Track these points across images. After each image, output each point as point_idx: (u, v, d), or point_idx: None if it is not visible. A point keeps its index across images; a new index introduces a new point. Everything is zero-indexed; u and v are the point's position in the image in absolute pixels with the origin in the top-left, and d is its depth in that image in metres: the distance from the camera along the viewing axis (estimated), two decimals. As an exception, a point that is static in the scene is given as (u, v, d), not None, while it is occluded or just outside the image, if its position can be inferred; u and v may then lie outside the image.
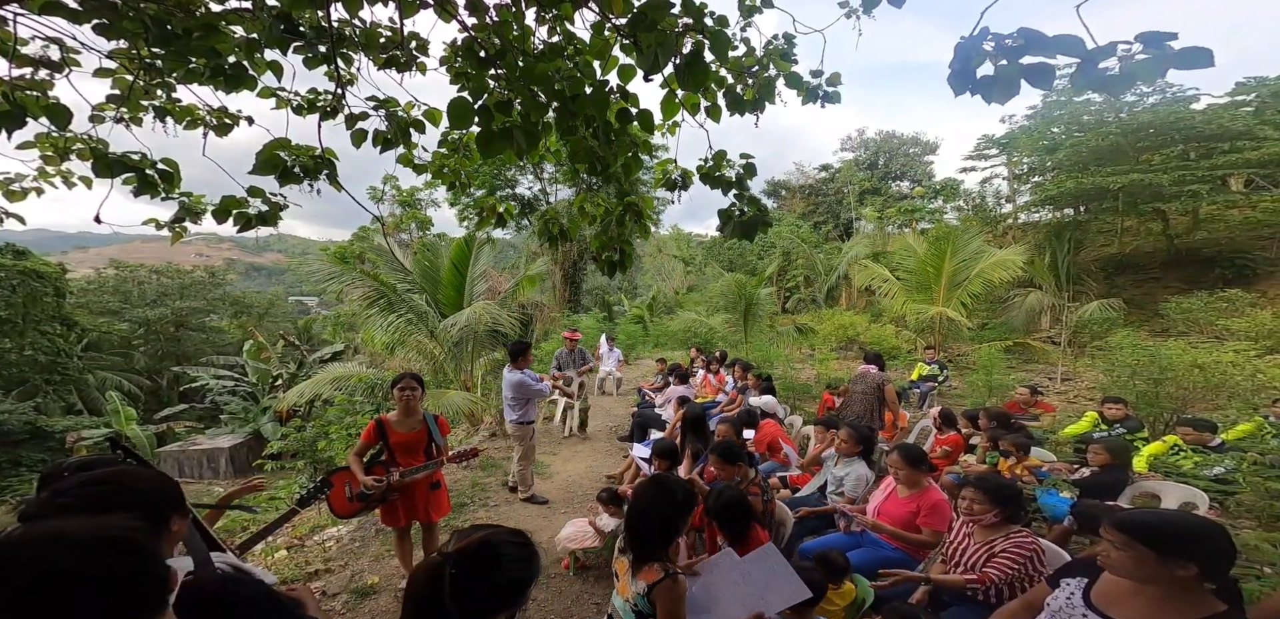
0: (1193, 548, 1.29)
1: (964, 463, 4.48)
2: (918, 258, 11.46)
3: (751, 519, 2.29)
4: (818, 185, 27.31)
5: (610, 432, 6.71)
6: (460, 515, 3.91)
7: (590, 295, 24.81)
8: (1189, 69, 1.36)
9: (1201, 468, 3.45)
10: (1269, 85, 10.96)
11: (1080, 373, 8.16)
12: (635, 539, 1.71)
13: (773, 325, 14.62)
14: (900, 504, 2.83)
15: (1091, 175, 10.84)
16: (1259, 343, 6.37)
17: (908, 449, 2.85)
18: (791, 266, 20.27)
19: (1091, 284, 11.30)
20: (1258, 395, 4.62)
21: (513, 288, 9.50)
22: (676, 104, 2.47)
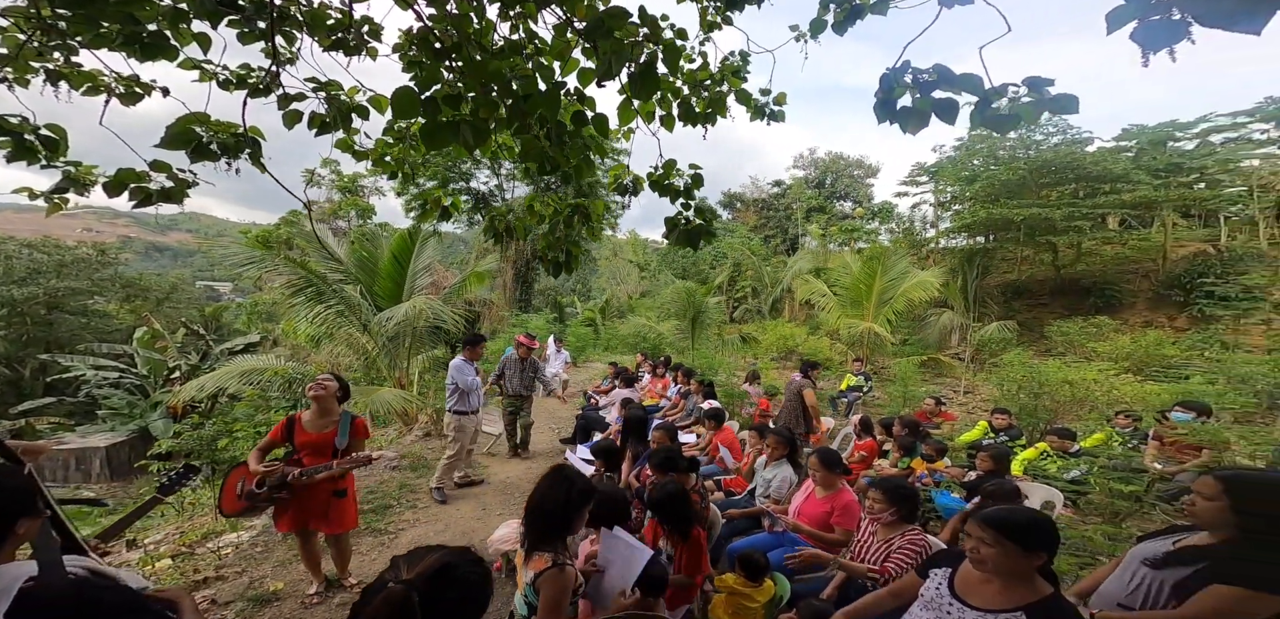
0: (1041, 539, 1.52)
1: (878, 467, 4.92)
2: (852, 275, 12.41)
3: (691, 514, 2.33)
4: (770, 200, 28.47)
5: (553, 433, 6.66)
6: (384, 518, 3.74)
7: (542, 296, 24.38)
8: (1060, 113, 1.65)
9: (1062, 471, 4.04)
10: (1147, 133, 12.63)
11: (979, 386, 9.21)
12: (529, 528, 1.70)
13: (721, 333, 15.14)
14: (817, 505, 3.08)
15: (1000, 207, 12.24)
16: (1118, 363, 7.54)
17: (824, 453, 3.09)
18: (741, 277, 21.04)
19: (993, 307, 12.78)
20: (1110, 408, 5.46)
21: (459, 283, 9.17)
22: (632, 111, 2.54)
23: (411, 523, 3.70)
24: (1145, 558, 1.67)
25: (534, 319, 16.24)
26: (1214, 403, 4.63)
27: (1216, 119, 11.94)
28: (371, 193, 21.91)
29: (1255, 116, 11.47)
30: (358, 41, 2.41)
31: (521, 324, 13.50)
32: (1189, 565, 1.54)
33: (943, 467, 4.19)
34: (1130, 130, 13.02)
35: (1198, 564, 1.52)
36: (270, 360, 6.88)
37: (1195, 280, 10.67)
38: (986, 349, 10.53)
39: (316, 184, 22.00)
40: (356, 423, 2.63)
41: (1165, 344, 8.49)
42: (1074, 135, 12.73)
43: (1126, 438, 4.58)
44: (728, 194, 31.07)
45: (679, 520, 2.28)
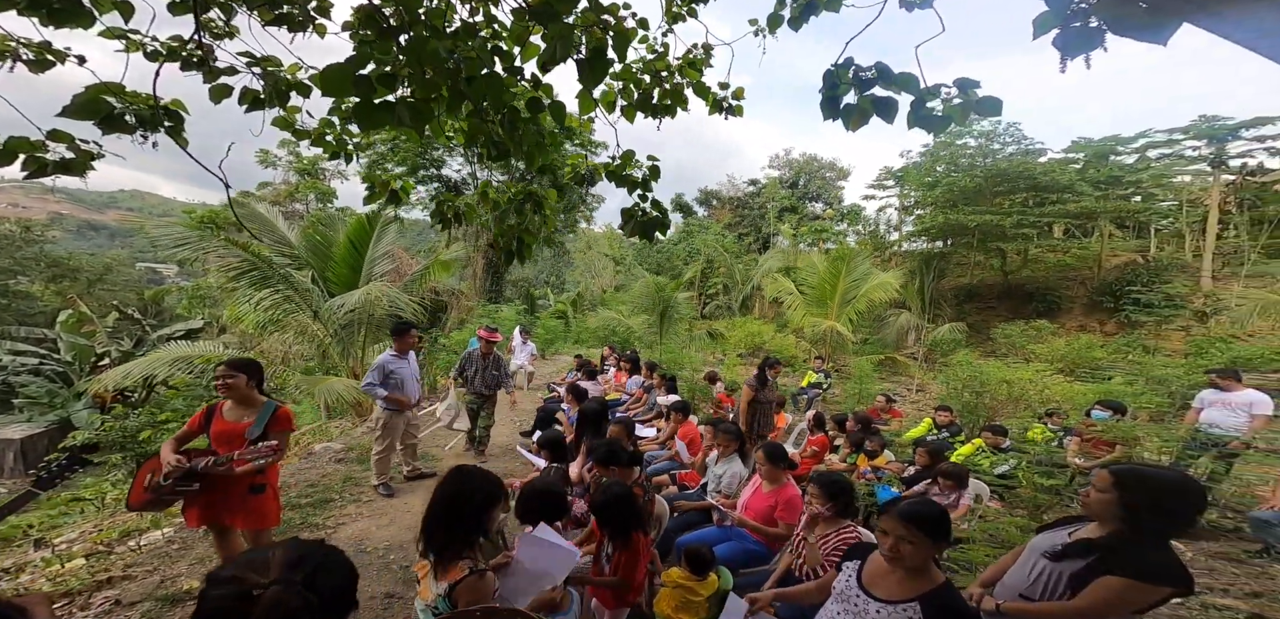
0: (944, 529, 1.61)
1: (829, 461, 5.10)
2: (818, 275, 12.76)
3: (635, 518, 2.27)
4: (745, 198, 28.82)
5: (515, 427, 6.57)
6: (324, 512, 3.60)
7: (514, 287, 24.00)
8: (986, 114, 1.73)
9: (993, 466, 4.29)
10: (1093, 147, 13.41)
11: (930, 385, 9.66)
12: (432, 536, 1.56)
13: (691, 329, 15.29)
14: (763, 499, 3.15)
15: (957, 212, 12.83)
16: (1052, 365, 8.06)
17: (770, 448, 3.16)
18: (714, 274, 21.29)
19: (947, 309, 13.42)
20: (1042, 407, 5.84)
21: (421, 271, 8.90)
22: (592, 101, 2.48)
23: (354, 517, 3.57)
24: (1043, 550, 1.74)
25: (504, 310, 15.96)
26: (1132, 403, 5.01)
27: (1154, 135, 12.86)
28: (334, 177, 20.95)
29: (1189, 133, 12.41)
30: (304, 17, 2.28)
31: (489, 315, 13.22)
32: (1083, 557, 1.61)
33: (884, 462, 4.37)
34: (1078, 143, 13.80)
35: (1091, 556, 1.59)
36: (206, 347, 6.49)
37: (1125, 288, 11.52)
38: (939, 349, 11.05)
39: (272, 165, 20.87)
40: (279, 413, 2.45)
41: (1095, 347, 9.13)
42: (1027, 146, 13.46)
43: (1053, 434, 4.91)
44: (704, 191, 31.29)
45: (621, 524, 2.24)
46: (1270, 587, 2.66)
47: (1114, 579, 1.51)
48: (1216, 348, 7.67)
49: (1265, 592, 2.59)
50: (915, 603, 1.57)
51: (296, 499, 3.69)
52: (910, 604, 1.57)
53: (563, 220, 20.08)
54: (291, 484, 3.95)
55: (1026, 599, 1.73)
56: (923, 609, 1.55)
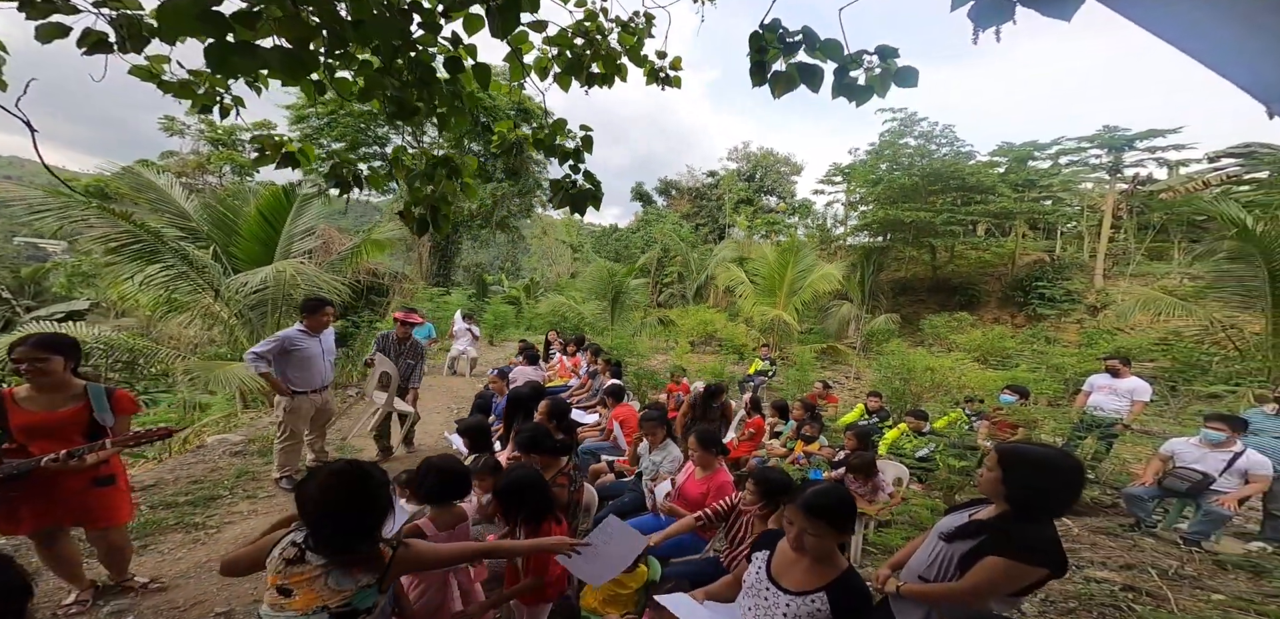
0: (848, 517, 1.59)
1: (768, 446, 5.21)
2: (769, 265, 13.12)
3: (544, 506, 2.13)
4: (704, 190, 29.06)
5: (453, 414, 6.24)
6: (207, 510, 3.18)
7: (466, 272, 23.10)
8: (904, 85, 1.71)
9: (915, 450, 4.53)
10: (1014, 151, 14.48)
11: (866, 373, 10.21)
12: (322, 541, 1.39)
13: (645, 315, 15.30)
14: (696, 485, 3.11)
15: (897, 209, 13.55)
16: (970, 353, 8.72)
17: (702, 433, 3.11)
18: (670, 262, 21.39)
19: (884, 300, 14.24)
20: (959, 392, 6.27)
21: (350, 250, 8.19)
22: (522, 66, 2.35)
23: (244, 515, 3.17)
24: (942, 531, 1.77)
25: (453, 295, 15.21)
26: (1034, 388, 5.47)
27: (1066, 143, 14.15)
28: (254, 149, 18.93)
29: (1094, 142, 13.76)
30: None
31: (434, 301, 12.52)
32: (973, 538, 1.64)
33: (816, 447, 4.51)
34: (1002, 147, 14.88)
35: (980, 537, 1.62)
36: (79, 330, 5.62)
37: (1033, 284, 12.71)
38: (875, 339, 11.69)
39: (179, 133, 18.59)
40: (117, 396, 2.15)
41: (1006, 338, 10.02)
42: (959, 148, 14.41)
43: (968, 418, 5.28)
44: (664, 181, 31.43)
45: (528, 512, 2.08)
46: (1140, 559, 2.95)
47: (996, 560, 1.54)
48: (1103, 339, 8.62)
49: (1136, 564, 2.87)
50: (822, 594, 1.55)
51: (173, 497, 3.24)
52: (817, 595, 1.55)
53: (517, 204, 19.48)
54: (169, 481, 3.47)
55: (924, 581, 1.75)
56: (829, 599, 1.54)
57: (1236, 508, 3.40)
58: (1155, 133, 13.02)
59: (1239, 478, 3.36)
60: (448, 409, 6.49)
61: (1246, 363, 6.83)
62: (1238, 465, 3.37)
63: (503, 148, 3.02)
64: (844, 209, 20.93)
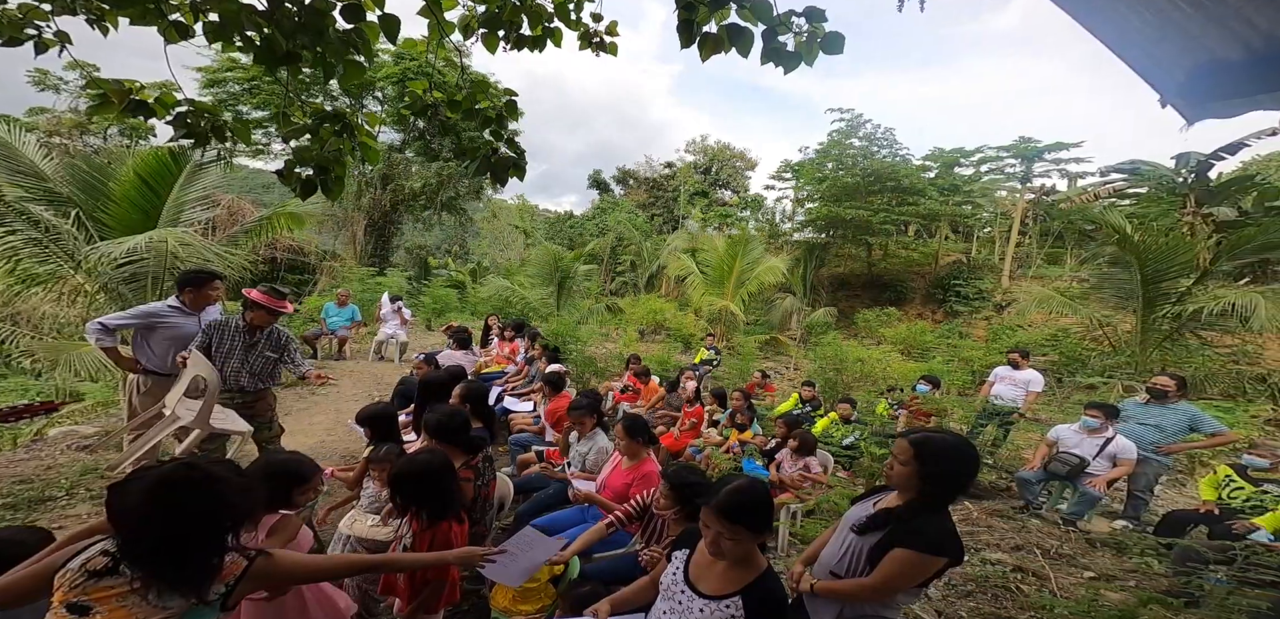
0: (765, 518, 1.51)
1: (706, 435, 5.25)
2: (718, 256, 13.33)
3: (443, 499, 1.84)
4: (660, 180, 29.13)
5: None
6: (38, 512, 2.66)
7: (409, 254, 21.79)
8: (831, 53, 1.67)
9: (842, 438, 4.72)
10: (943, 156, 15.57)
11: (804, 364, 10.67)
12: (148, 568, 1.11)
13: (598, 301, 15.10)
14: (621, 476, 2.99)
15: (839, 207, 14.18)
16: (897, 346, 9.32)
17: (629, 421, 2.97)
18: (623, 251, 21.18)
19: (823, 294, 14.95)
20: (884, 382, 6.66)
21: (256, 222, 7.28)
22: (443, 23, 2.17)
23: (83, 519, 2.67)
24: (851, 523, 1.76)
25: (389, 277, 14.17)
26: (947, 380, 5.89)
27: (987, 151, 15.42)
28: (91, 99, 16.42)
29: (1010, 152, 15.08)
30: None
31: (360, 280, 11.55)
32: (879, 530, 1.63)
33: (749, 436, 4.58)
34: (934, 153, 15.95)
35: (886, 528, 1.61)
36: None
37: (951, 283, 13.85)
38: (814, 331, 12.24)
39: (53, 88, 15.82)
40: None
41: (927, 333, 10.83)
42: (897, 151, 15.29)
43: (892, 406, 5.60)
44: (621, 170, 31.36)
45: (426, 505, 1.81)
46: (1028, 539, 3.22)
47: (902, 553, 1.54)
48: (1006, 335, 9.56)
49: (1024, 544, 3.12)
50: (737, 598, 1.47)
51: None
52: (732, 600, 1.47)
53: (466, 185, 18.56)
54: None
55: (836, 576, 1.73)
56: (744, 604, 1.46)
57: (1106, 489, 3.82)
58: (1061, 146, 14.52)
59: (1109, 461, 3.77)
60: (369, 397, 5.97)
61: (1118, 357, 7.81)
62: (1108, 450, 3.78)
63: (414, 109, 2.74)
64: (792, 205, 21.71)
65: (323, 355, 7.36)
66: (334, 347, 7.59)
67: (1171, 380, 4.05)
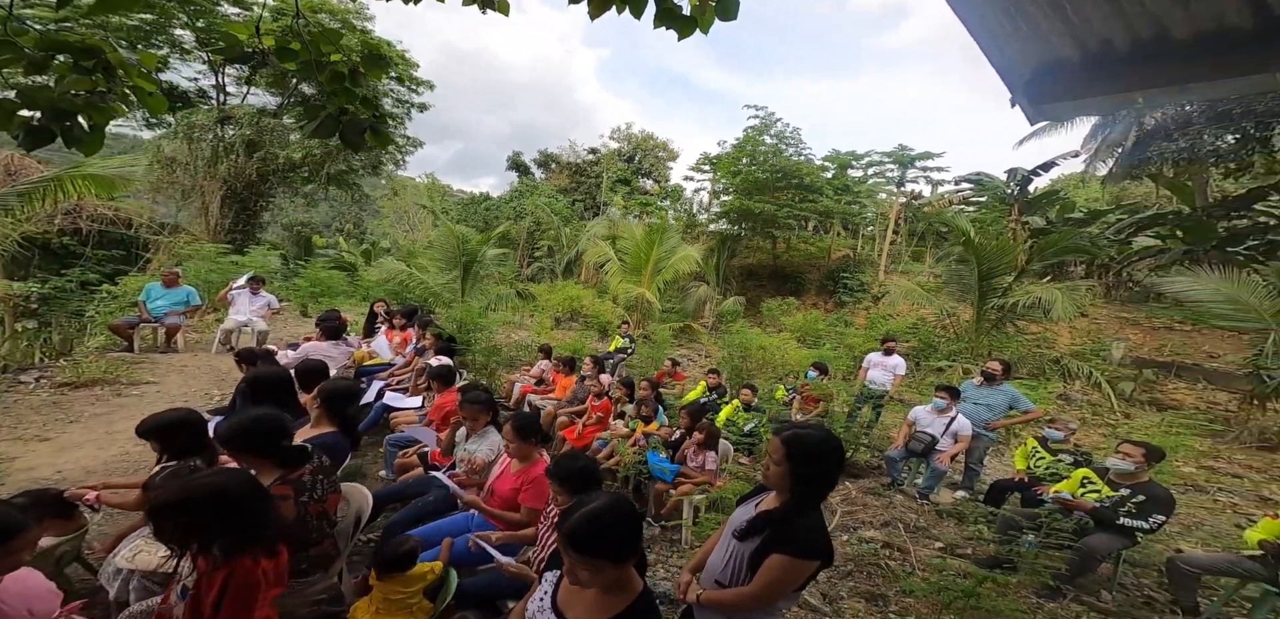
0: (631, 542, 1.32)
1: (613, 427, 5.11)
2: (636, 244, 13.32)
3: (241, 530, 1.42)
4: (584, 165, 28.49)
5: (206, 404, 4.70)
6: None
7: (288, 232, 18.85)
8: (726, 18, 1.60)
9: (744, 425, 4.87)
10: (839, 159, 17.06)
11: (715, 351, 11.13)
12: None
13: (510, 287, 14.30)
14: (509, 480, 2.71)
15: (750, 200, 14.92)
16: (795, 334, 10.06)
17: (519, 420, 2.70)
18: (542, 236, 20.37)
19: (734, 284, 15.76)
20: (783, 369, 7.11)
21: (39, 185, 5.54)
22: None
23: None
24: (733, 528, 1.70)
25: (254, 256, 11.91)
26: (834, 365, 6.43)
27: (873, 155, 17.27)
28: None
29: (890, 159, 17.04)
30: None
31: (207, 258, 9.56)
32: (758, 534, 1.58)
33: (655, 428, 4.53)
34: (832, 155, 17.51)
35: (764, 532, 1.56)
36: None
37: (840, 276, 15.44)
38: (725, 319, 12.81)
39: None
40: None
41: (819, 321, 11.91)
42: (801, 150, 16.47)
43: (788, 392, 5.97)
44: (543, 153, 30.24)
45: (198, 537, 1.39)
46: (894, 514, 3.56)
47: (779, 558, 1.50)
48: (880, 324, 10.89)
49: (892, 519, 3.44)
50: None
51: None
52: None
53: (361, 159, 16.41)
54: None
55: (722, 584, 1.66)
56: None
57: (949, 464, 4.38)
58: (928, 155, 16.80)
59: (952, 439, 4.34)
60: (205, 396, 4.89)
61: (959, 344, 9.26)
62: (952, 428, 4.34)
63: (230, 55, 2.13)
64: (709, 197, 22.54)
65: (142, 347, 5.90)
66: (159, 337, 6.12)
67: (998, 364, 4.78)
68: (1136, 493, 2.96)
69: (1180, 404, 8.00)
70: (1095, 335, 10.30)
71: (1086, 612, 2.71)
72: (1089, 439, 6.45)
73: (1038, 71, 1.26)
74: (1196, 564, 2.96)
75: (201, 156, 13.91)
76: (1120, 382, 8.33)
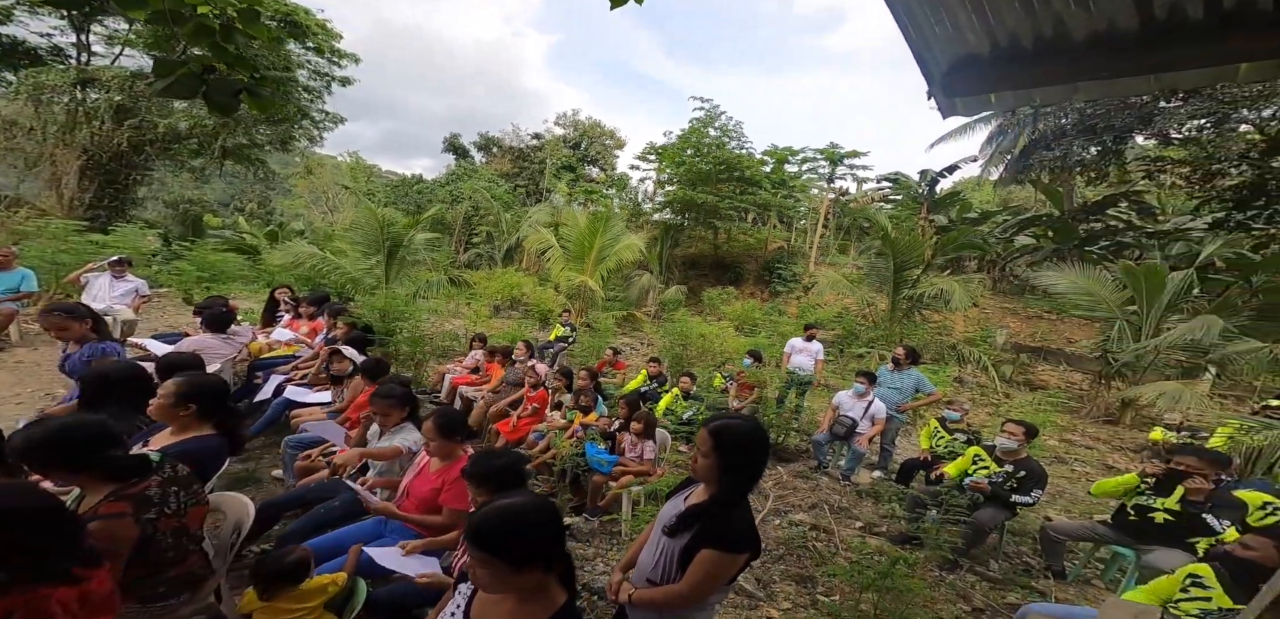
0: (537, 548, 1.18)
1: (550, 418, 4.93)
2: (579, 231, 13.04)
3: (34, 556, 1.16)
4: (528, 151, 27.55)
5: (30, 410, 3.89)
6: None
7: (173, 210, 16.43)
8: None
9: (683, 413, 4.91)
10: (778, 153, 17.57)
11: (656, 339, 11.23)
12: None
13: (443, 273, 13.47)
14: (428, 481, 2.47)
15: (694, 191, 15.11)
16: (733, 323, 10.38)
17: (442, 416, 2.45)
18: (480, 221, 19.47)
19: (677, 273, 15.99)
20: (722, 357, 7.29)
21: None
22: None
23: None
24: (663, 524, 1.64)
25: (122, 234, 10.11)
26: (767, 353, 6.69)
27: (808, 152, 18.15)
28: None
29: (823, 155, 17.99)
30: None
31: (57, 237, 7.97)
32: (688, 530, 1.53)
33: (594, 418, 4.43)
34: (771, 149, 18.10)
35: (693, 528, 1.52)
36: None
37: (775, 267, 16.22)
38: (667, 308, 12.96)
39: None
40: None
41: (756, 310, 12.44)
42: (743, 143, 16.88)
43: (726, 379, 6.11)
44: (485, 136, 28.75)
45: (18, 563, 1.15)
46: (821, 496, 3.74)
47: (708, 553, 1.46)
48: (810, 312, 11.62)
49: (818, 502, 3.61)
50: None
51: None
52: None
53: (265, 133, 14.60)
54: None
55: (653, 582, 1.60)
56: None
57: (868, 445, 4.71)
58: (856, 154, 17.99)
59: (870, 421, 4.67)
60: (46, 396, 4.05)
61: (876, 331, 10.10)
62: (870, 411, 4.66)
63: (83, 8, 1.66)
64: (654, 186, 22.63)
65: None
66: (-14, 329, 4.99)
67: (903, 350, 5.19)
68: (1019, 469, 3.32)
69: (1047, 385, 9.29)
70: (984, 323, 11.68)
71: (979, 581, 3.01)
72: (977, 418, 7.28)
73: (954, 64, 1.31)
74: (1063, 531, 3.35)
75: (52, 121, 11.93)
76: (1002, 365, 9.51)
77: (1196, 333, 7.13)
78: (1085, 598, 3.01)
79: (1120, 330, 7.82)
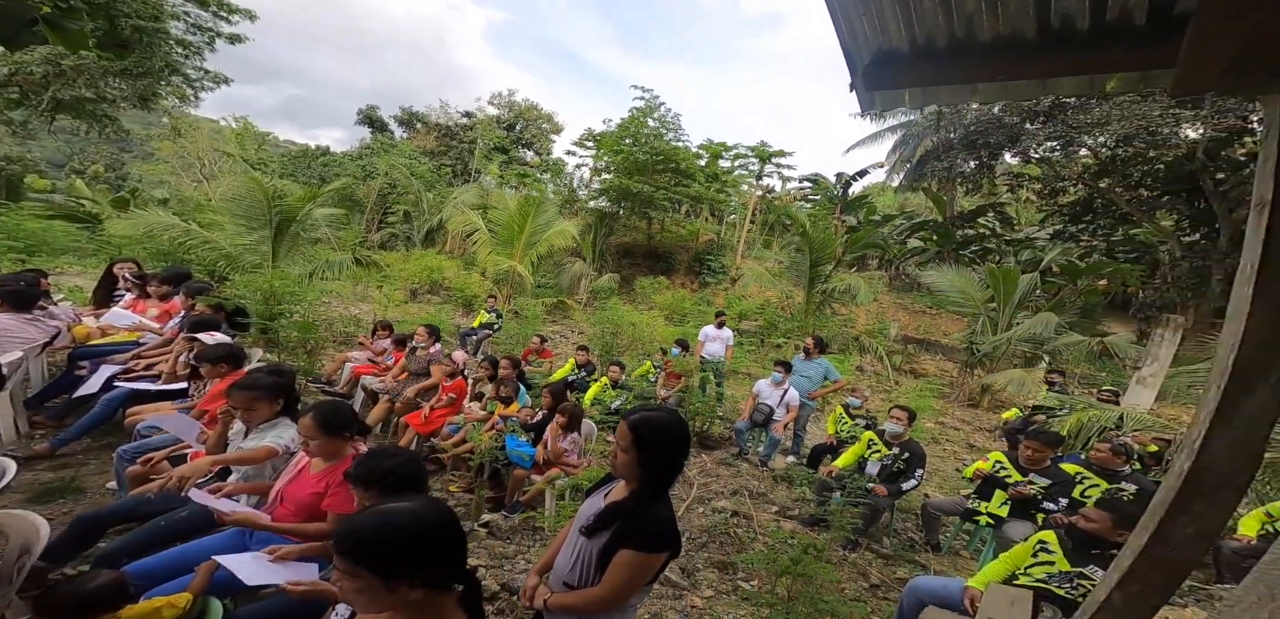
0: (421, 561, 1.00)
1: (467, 410, 4.59)
2: (509, 215, 12.39)
3: None
4: (456, 130, 25.76)
5: None
6: None
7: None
8: None
9: (611, 402, 4.83)
10: (712, 148, 17.99)
11: (587, 327, 11.07)
12: None
13: (352, 252, 12.06)
14: (308, 483, 2.10)
15: (630, 180, 15.00)
16: (664, 311, 10.52)
17: (325, 410, 2.08)
18: (399, 199, 17.95)
19: (610, 261, 15.87)
20: (653, 345, 7.31)
21: None
22: None
23: None
24: (581, 523, 1.53)
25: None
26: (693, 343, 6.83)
27: (740, 149, 18.81)
28: None
29: (753, 153, 18.76)
30: None
31: None
32: (606, 529, 1.45)
33: (516, 410, 4.19)
34: (706, 143, 18.50)
35: (612, 527, 1.44)
36: None
37: (705, 258, 16.75)
38: (599, 296, 12.81)
39: None
40: None
41: (686, 300, 12.76)
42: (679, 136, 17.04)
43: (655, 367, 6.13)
44: (406, 111, 26.27)
45: None
46: (742, 482, 3.86)
47: (627, 554, 1.38)
48: (735, 303, 12.17)
49: (740, 488, 3.72)
50: None
51: None
52: None
53: (118, 87, 12.02)
54: None
55: (570, 586, 1.49)
56: None
57: (783, 432, 4.97)
58: (783, 154, 18.99)
59: (785, 409, 4.93)
60: None
61: (793, 322, 10.84)
62: (785, 399, 4.92)
63: None
64: (590, 174, 22.16)
65: None
66: None
67: (814, 340, 5.56)
68: (904, 451, 3.67)
69: (927, 373, 10.61)
70: (881, 317, 13.03)
71: (875, 558, 3.31)
72: (874, 404, 8.10)
73: (876, 58, 1.34)
74: (939, 507, 3.74)
75: None
76: (893, 355, 10.67)
77: (1037, 327, 8.51)
78: (956, 568, 3.42)
79: (983, 325, 9.11)
